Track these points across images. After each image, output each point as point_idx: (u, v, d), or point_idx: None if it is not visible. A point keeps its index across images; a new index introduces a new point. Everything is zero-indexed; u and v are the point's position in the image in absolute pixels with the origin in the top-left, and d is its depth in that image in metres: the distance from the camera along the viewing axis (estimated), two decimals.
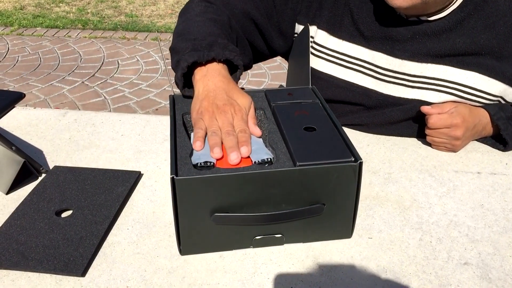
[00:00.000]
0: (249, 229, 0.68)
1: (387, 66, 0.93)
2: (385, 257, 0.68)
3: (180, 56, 0.79)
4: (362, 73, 0.95)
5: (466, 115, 0.88)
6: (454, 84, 0.89)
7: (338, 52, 0.96)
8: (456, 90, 0.89)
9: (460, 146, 0.92)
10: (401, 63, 0.91)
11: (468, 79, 0.88)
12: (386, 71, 0.93)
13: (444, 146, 0.91)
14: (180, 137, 0.71)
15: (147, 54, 3.75)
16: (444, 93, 0.89)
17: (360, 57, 0.95)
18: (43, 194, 0.78)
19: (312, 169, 0.64)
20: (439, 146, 0.92)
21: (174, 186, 0.62)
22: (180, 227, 0.65)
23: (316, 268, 0.66)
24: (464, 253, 0.69)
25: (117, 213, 0.75)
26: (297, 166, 0.64)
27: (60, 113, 1.07)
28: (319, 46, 0.98)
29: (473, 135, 0.93)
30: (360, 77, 0.96)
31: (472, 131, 0.91)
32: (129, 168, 0.87)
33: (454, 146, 0.90)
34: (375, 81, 0.95)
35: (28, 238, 0.69)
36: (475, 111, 0.90)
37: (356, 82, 0.96)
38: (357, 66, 0.95)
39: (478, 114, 0.91)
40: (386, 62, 0.93)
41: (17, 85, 3.24)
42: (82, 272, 0.64)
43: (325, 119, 0.75)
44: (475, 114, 0.90)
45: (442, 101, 0.90)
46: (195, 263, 0.67)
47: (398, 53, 0.91)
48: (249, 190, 0.64)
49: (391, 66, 0.92)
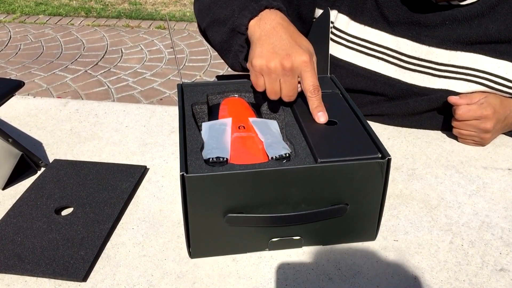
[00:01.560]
0: (265, 230, 0.62)
1: (413, 53, 0.86)
2: (413, 262, 0.63)
3: (230, 23, 0.74)
4: (385, 61, 0.89)
5: (497, 106, 0.82)
6: (485, 74, 0.82)
7: (359, 39, 0.90)
8: (486, 80, 0.82)
9: (490, 140, 0.86)
10: (428, 50, 0.85)
11: (500, 68, 0.81)
12: (411, 59, 0.87)
13: (472, 139, 0.85)
14: (189, 129, 0.65)
15: (151, 43, 3.69)
16: (473, 83, 0.83)
17: (383, 43, 0.88)
18: (41, 190, 0.73)
19: (335, 166, 0.58)
20: (466, 140, 0.86)
21: (184, 184, 0.56)
22: (190, 228, 0.60)
23: (338, 274, 0.61)
24: (499, 258, 0.63)
25: (121, 211, 0.70)
26: (318, 163, 0.58)
27: (61, 102, 1.01)
28: (339, 32, 0.91)
29: (503, 127, 0.87)
30: (382, 65, 0.89)
31: (502, 123, 0.85)
32: (133, 162, 0.81)
33: (483, 140, 0.84)
34: (398, 70, 0.88)
35: (25, 239, 0.64)
36: (506, 101, 0.84)
37: (378, 71, 0.90)
38: (379, 53, 0.89)
39: (509, 105, 0.84)
40: (412, 49, 0.86)
41: (19, 74, 3.19)
42: (83, 277, 0.59)
43: (346, 111, 0.69)
44: (506, 105, 0.84)
45: (471, 91, 0.84)
46: (206, 267, 0.62)
47: (425, 39, 0.85)
48: (265, 189, 0.58)
49: (417, 53, 0.86)
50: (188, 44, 3.64)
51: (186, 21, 4.12)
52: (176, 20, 4.14)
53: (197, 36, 3.79)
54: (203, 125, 0.68)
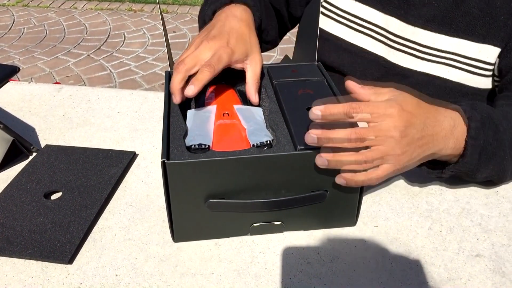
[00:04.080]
0: (246, 216, 0.64)
1: (399, 33, 0.86)
2: (391, 247, 0.64)
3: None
4: (373, 38, 0.89)
5: (409, 106, 0.57)
6: (465, 59, 0.81)
7: (349, 14, 0.90)
8: (466, 65, 0.81)
9: (404, 163, 0.58)
10: (413, 31, 0.85)
11: (481, 52, 0.80)
12: (397, 38, 0.87)
13: (368, 161, 0.56)
14: (174, 117, 0.67)
15: (154, 27, 3.68)
16: (453, 68, 0.82)
17: (372, 20, 0.89)
18: (32, 174, 0.75)
19: (314, 153, 0.59)
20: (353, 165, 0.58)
21: (165, 171, 0.57)
22: (173, 214, 0.61)
23: (317, 258, 0.62)
24: (476, 244, 0.65)
25: (108, 196, 0.72)
26: (298, 150, 0.60)
27: (55, 88, 1.02)
28: (330, 5, 0.92)
29: (424, 145, 0.59)
30: (370, 42, 0.90)
31: (420, 133, 0.58)
32: (124, 148, 0.83)
33: (393, 160, 0.57)
34: (385, 48, 0.89)
35: (14, 222, 0.66)
36: (424, 105, 0.60)
37: (366, 47, 0.90)
38: (368, 30, 0.89)
39: (429, 110, 0.60)
40: (399, 29, 0.86)
41: (22, 58, 3.20)
42: (69, 259, 0.61)
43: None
44: (425, 109, 0.60)
45: (451, 77, 0.83)
46: (188, 251, 0.63)
47: (411, 19, 0.85)
48: (246, 175, 0.59)
49: (403, 33, 0.86)
50: (190, 28, 3.63)
51: (189, 4, 4.11)
52: (179, 4, 4.12)
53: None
54: (188, 112, 0.69)
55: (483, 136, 0.63)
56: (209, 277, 0.60)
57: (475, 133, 0.62)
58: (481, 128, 0.63)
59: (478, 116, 0.63)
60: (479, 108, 0.65)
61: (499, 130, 0.65)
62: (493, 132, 0.64)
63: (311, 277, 0.60)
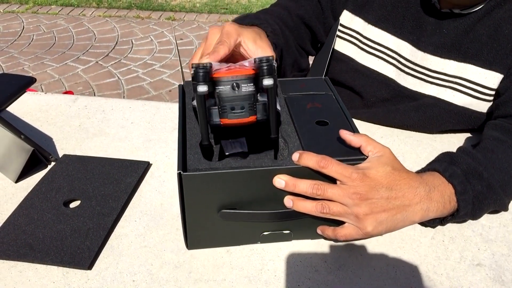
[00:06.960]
0: (257, 225, 0.67)
1: (410, 57, 0.90)
2: (396, 256, 0.67)
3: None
4: (385, 61, 0.93)
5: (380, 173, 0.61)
6: (471, 84, 0.85)
7: (363, 36, 0.94)
8: (472, 90, 0.85)
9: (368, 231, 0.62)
10: (423, 56, 0.88)
11: (487, 79, 0.83)
12: (408, 62, 0.90)
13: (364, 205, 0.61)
14: (189, 123, 0.70)
15: (161, 34, 3.73)
16: (459, 92, 0.86)
17: (386, 44, 0.92)
18: (51, 183, 0.78)
19: None
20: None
21: (181, 182, 0.61)
22: (187, 222, 0.65)
23: (324, 266, 0.65)
24: (477, 253, 0.67)
25: (125, 204, 0.75)
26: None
27: (71, 98, 1.06)
28: (344, 28, 0.96)
29: (390, 209, 0.61)
30: (381, 64, 0.93)
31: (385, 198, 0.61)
32: (138, 157, 0.86)
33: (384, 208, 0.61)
34: (396, 71, 0.92)
35: (36, 229, 0.69)
36: (400, 173, 0.63)
37: (377, 70, 0.94)
38: (380, 53, 0.93)
39: (407, 177, 0.63)
40: (410, 53, 0.90)
41: (32, 64, 3.25)
42: (88, 265, 0.64)
43: (338, 113, 0.73)
44: (398, 176, 0.63)
45: (456, 101, 0.86)
46: (201, 258, 0.67)
47: (422, 45, 0.88)
48: (257, 187, 0.63)
49: (414, 57, 0.89)
50: (197, 36, 3.68)
51: (195, 12, 4.16)
52: (186, 11, 4.17)
53: (206, 27, 3.82)
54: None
55: (470, 187, 0.65)
56: (221, 283, 0.63)
57: (461, 188, 0.65)
58: (466, 182, 0.65)
59: (458, 171, 0.66)
60: (459, 160, 0.67)
61: (484, 177, 0.66)
62: (478, 180, 0.66)
63: (319, 284, 0.63)
